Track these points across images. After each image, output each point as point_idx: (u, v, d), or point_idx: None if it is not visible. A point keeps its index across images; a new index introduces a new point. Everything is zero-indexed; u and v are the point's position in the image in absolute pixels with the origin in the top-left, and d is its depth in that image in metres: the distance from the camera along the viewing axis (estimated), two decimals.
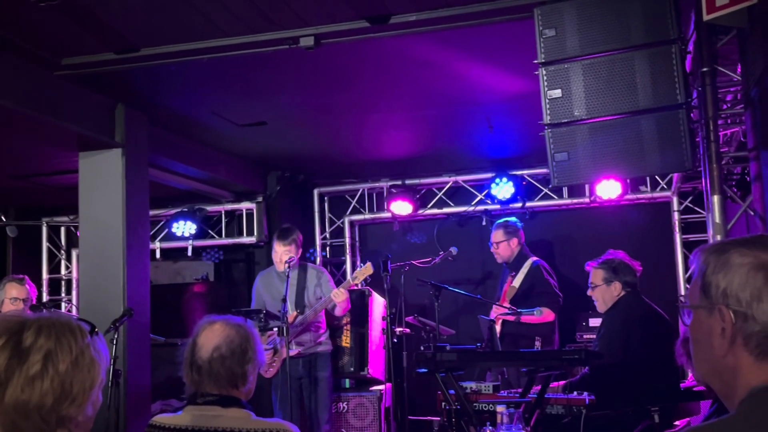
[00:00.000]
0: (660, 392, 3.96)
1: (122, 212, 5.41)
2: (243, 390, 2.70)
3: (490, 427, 2.98)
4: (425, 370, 4.30)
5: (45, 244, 8.67)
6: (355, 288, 7.07)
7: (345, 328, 7.04)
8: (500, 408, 3.03)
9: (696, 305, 1.41)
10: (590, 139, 3.52)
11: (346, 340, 7.03)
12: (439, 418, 6.08)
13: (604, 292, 4.85)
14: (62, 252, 8.77)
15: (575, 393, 4.19)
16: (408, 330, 6.74)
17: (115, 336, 4.81)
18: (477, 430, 3.19)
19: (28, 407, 1.64)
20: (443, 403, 4.62)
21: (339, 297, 6.19)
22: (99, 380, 1.78)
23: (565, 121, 3.65)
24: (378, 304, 7.11)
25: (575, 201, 7.67)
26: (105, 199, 5.49)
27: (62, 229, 8.82)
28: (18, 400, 1.64)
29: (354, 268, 8.25)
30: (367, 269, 6.32)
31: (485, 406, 4.38)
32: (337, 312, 6.43)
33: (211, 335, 2.69)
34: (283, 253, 6.32)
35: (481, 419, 4.02)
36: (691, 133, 3.43)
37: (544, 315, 5.68)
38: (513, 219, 6.67)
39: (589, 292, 4.95)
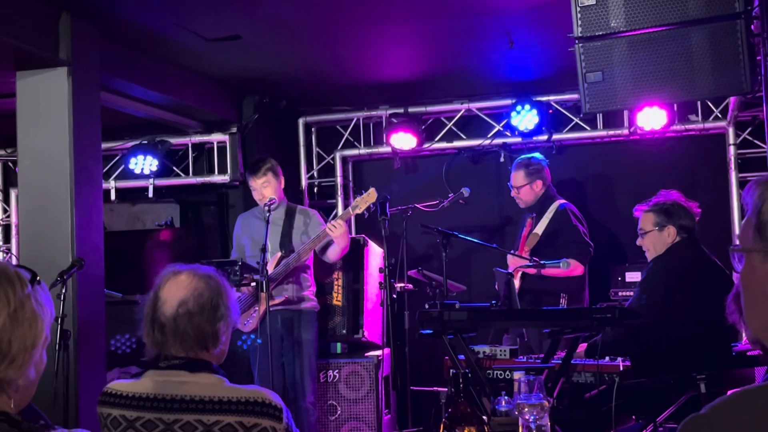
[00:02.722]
0: (707, 357, 4.00)
1: (69, 143, 5.38)
2: (214, 352, 2.73)
3: (506, 398, 3.02)
4: (430, 332, 4.35)
5: None
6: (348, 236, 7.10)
7: (336, 283, 7.09)
8: (518, 375, 3.06)
9: (749, 248, 1.42)
10: (629, 55, 3.50)
11: (337, 298, 7.09)
12: (446, 389, 6.16)
13: (655, 239, 4.89)
14: None
15: (607, 358, 4.24)
16: (410, 286, 6.80)
17: (63, 291, 4.83)
18: (491, 400, 3.24)
19: None
20: (451, 371, 4.68)
21: (336, 230, 6.19)
22: (42, 337, 1.80)
23: (600, 33, 3.62)
24: (375, 255, 7.15)
25: (611, 133, 7.65)
26: (48, 128, 5.46)
27: None
28: None
29: None
30: (370, 195, 6.32)
31: (501, 374, 4.45)
32: (333, 254, 6.43)
33: (176, 288, 2.70)
34: (261, 187, 6.35)
35: (496, 389, 4.07)
36: (750, 48, 3.41)
37: (571, 268, 5.73)
38: (536, 155, 6.66)
39: (638, 241, 4.98)
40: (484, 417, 2.23)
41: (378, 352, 6.96)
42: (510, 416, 3.11)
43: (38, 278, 1.83)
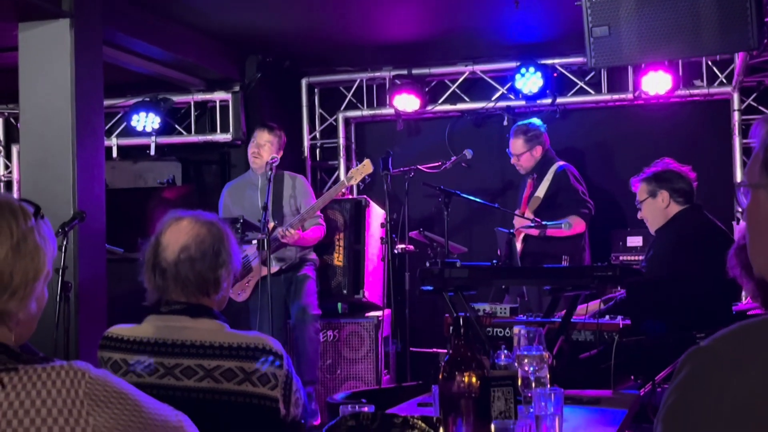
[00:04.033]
0: (707, 315, 4.01)
1: (71, 96, 5.36)
2: (215, 298, 2.73)
3: (506, 352, 3.03)
4: (431, 288, 4.35)
5: None
6: (349, 197, 7.10)
7: (337, 244, 7.10)
8: (517, 328, 3.06)
9: (755, 183, 1.41)
10: (636, 10, 3.48)
11: (338, 258, 7.10)
12: (445, 350, 6.17)
13: (651, 207, 4.89)
14: (0, 148, 8.76)
15: (607, 317, 4.26)
16: (411, 247, 6.80)
17: (65, 243, 4.84)
18: (490, 356, 3.24)
19: None
20: (451, 328, 4.70)
21: (288, 239, 6.19)
22: (44, 271, 1.80)
23: None
24: (376, 216, 7.15)
25: (616, 97, 7.62)
26: (50, 80, 5.44)
27: (0, 121, 8.80)
28: None
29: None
30: (365, 167, 6.34)
31: (500, 332, 4.46)
32: (307, 238, 6.44)
33: (178, 233, 2.70)
34: (263, 143, 6.35)
35: (495, 345, 4.08)
36: (758, 5, 3.39)
37: (573, 227, 5.73)
38: (534, 120, 6.66)
39: (639, 215, 4.99)
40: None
41: (378, 313, 6.98)
42: (510, 370, 3.12)
43: (41, 213, 1.83)
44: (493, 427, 1.97)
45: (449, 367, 2.13)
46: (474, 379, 2.10)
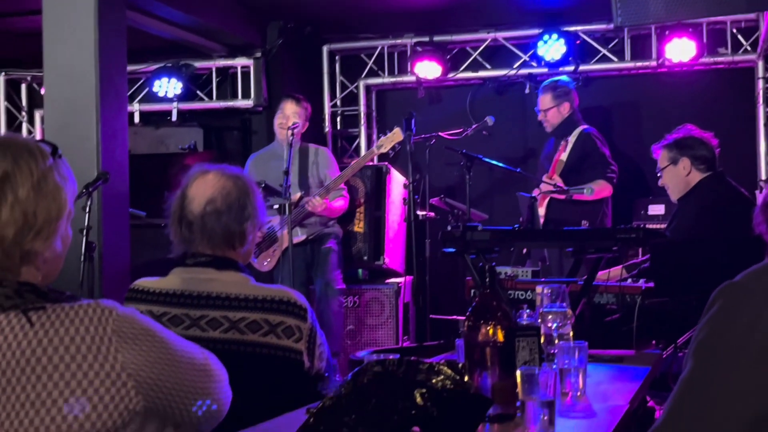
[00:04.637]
0: (731, 276, 3.99)
1: (95, 59, 5.36)
2: (240, 252, 2.75)
3: (528, 311, 3.02)
4: (452, 250, 4.35)
5: (3, 104, 8.70)
6: (370, 164, 7.10)
7: (358, 210, 7.10)
8: (540, 287, 3.06)
9: None
10: None
11: (359, 225, 7.10)
12: (464, 317, 6.18)
13: (672, 175, 4.86)
14: (23, 114, 8.80)
15: (629, 280, 4.25)
16: (432, 214, 6.80)
17: (89, 203, 4.87)
18: (513, 313, 3.25)
19: None
20: (472, 291, 4.71)
21: (315, 207, 6.20)
22: (66, 209, 1.82)
23: None
24: (397, 183, 7.14)
25: (639, 64, 7.56)
26: (74, 43, 5.44)
27: (23, 87, 8.83)
28: None
29: (369, 141, 8.25)
30: (395, 135, 6.34)
31: (522, 294, 4.47)
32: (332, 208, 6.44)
33: (204, 186, 2.72)
34: (292, 114, 6.37)
35: (517, 307, 4.08)
36: None
37: (597, 191, 5.71)
38: (564, 78, 6.64)
39: (660, 182, 4.96)
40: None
41: (399, 280, 7.00)
42: None
43: (59, 152, 1.84)
44: (518, 372, 1.97)
45: (475, 316, 2.13)
46: (499, 328, 2.10)
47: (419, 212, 6.68)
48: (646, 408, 3.38)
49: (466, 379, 1.90)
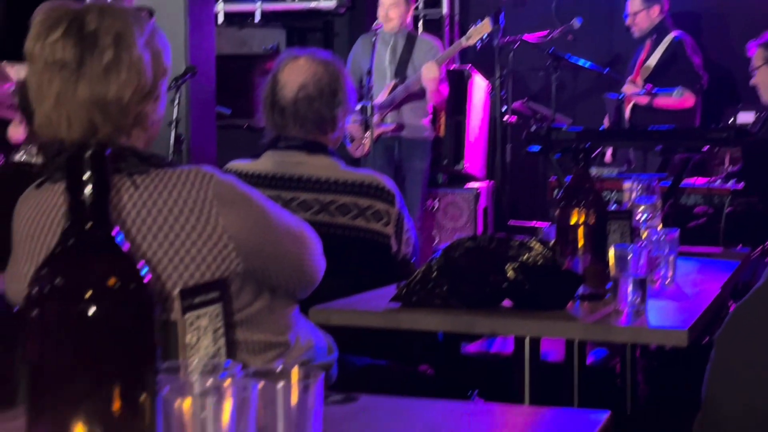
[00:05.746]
0: None
1: None
2: (331, 137, 2.77)
3: (615, 205, 3.00)
4: (537, 148, 4.33)
5: None
6: (453, 67, 7.02)
7: (439, 114, 7.06)
8: (628, 183, 3.02)
9: None
10: None
11: (440, 129, 7.07)
12: (546, 224, 6.13)
13: (766, 75, 4.74)
14: None
15: (718, 182, 4.19)
16: (514, 118, 6.72)
17: (177, 96, 4.95)
18: None
19: (106, 101, 1.72)
20: (555, 191, 4.70)
21: (428, 73, 6.10)
22: (168, 70, 1.85)
23: None
24: (479, 88, 7.07)
25: None
26: None
27: None
28: (94, 92, 1.71)
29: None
30: (484, 26, 6.19)
31: (607, 195, 4.43)
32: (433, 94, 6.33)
33: (297, 71, 2.73)
34: (390, 5, 6.23)
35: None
36: None
37: (683, 98, 5.59)
38: None
39: (752, 81, 4.84)
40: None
41: (478, 185, 6.97)
42: None
43: (153, 13, 1.86)
44: (612, 250, 1.97)
45: (568, 195, 2.13)
46: (592, 208, 2.10)
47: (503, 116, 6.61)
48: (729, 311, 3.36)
49: (557, 256, 1.92)
